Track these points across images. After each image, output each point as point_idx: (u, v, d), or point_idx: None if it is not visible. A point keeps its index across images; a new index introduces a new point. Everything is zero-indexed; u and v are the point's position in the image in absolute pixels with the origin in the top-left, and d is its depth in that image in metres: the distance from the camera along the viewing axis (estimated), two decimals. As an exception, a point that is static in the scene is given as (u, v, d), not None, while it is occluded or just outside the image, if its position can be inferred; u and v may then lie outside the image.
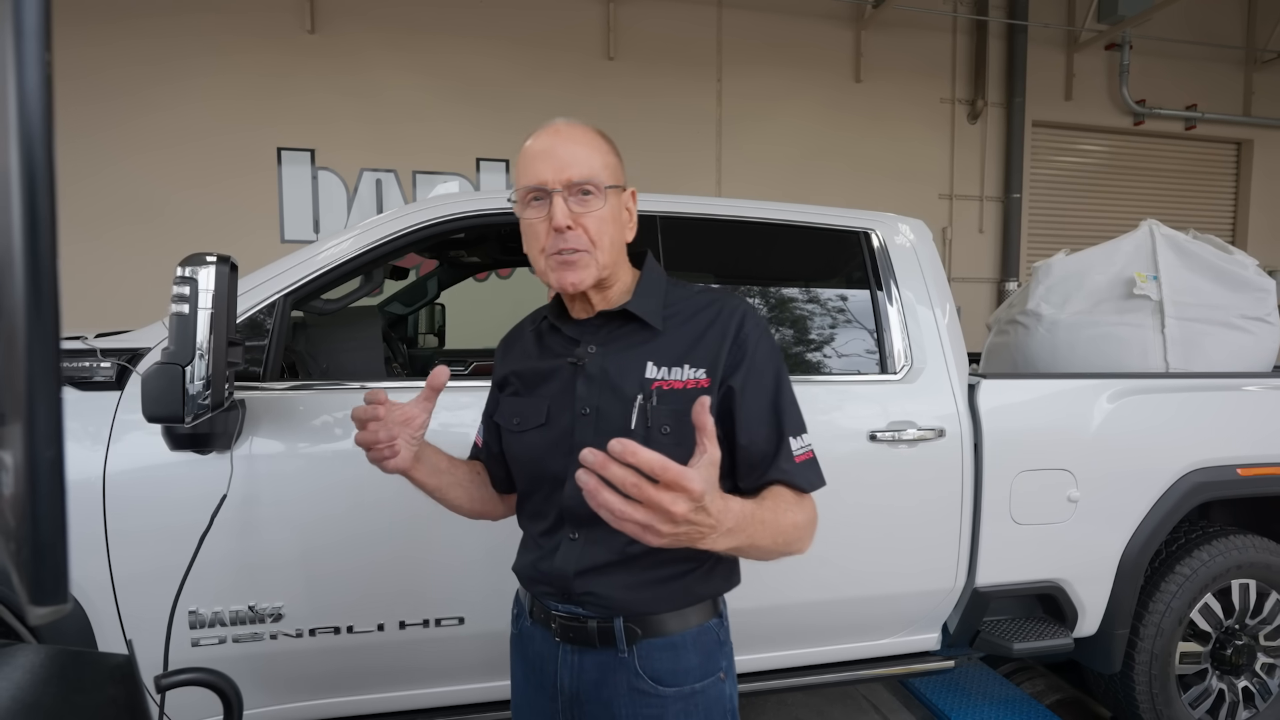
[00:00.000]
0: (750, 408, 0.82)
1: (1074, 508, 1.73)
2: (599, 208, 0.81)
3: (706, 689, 0.84)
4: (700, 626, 0.85)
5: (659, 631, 0.83)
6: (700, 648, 0.85)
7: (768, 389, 0.84)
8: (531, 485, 0.90)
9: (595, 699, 0.83)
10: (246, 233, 4.35)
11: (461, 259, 2.59)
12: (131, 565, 1.26)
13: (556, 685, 0.86)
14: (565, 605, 0.84)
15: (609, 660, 0.83)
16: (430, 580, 1.42)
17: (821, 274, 1.85)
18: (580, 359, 0.85)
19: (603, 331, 0.86)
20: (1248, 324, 2.19)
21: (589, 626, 0.83)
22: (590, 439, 0.81)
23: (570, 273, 0.81)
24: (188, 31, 4.25)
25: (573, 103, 4.75)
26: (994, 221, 5.74)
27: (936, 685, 2.27)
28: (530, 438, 0.88)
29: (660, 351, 0.84)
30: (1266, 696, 1.98)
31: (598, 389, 0.84)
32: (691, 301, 0.88)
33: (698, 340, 0.84)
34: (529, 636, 0.90)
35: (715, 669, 0.86)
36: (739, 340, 0.83)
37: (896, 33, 5.38)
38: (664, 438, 0.80)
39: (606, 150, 0.85)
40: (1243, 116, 6.16)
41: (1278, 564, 1.93)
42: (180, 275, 1.06)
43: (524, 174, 0.84)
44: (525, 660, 0.91)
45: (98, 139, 4.11)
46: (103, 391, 1.29)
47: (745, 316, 0.85)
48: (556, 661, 0.86)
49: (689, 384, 0.82)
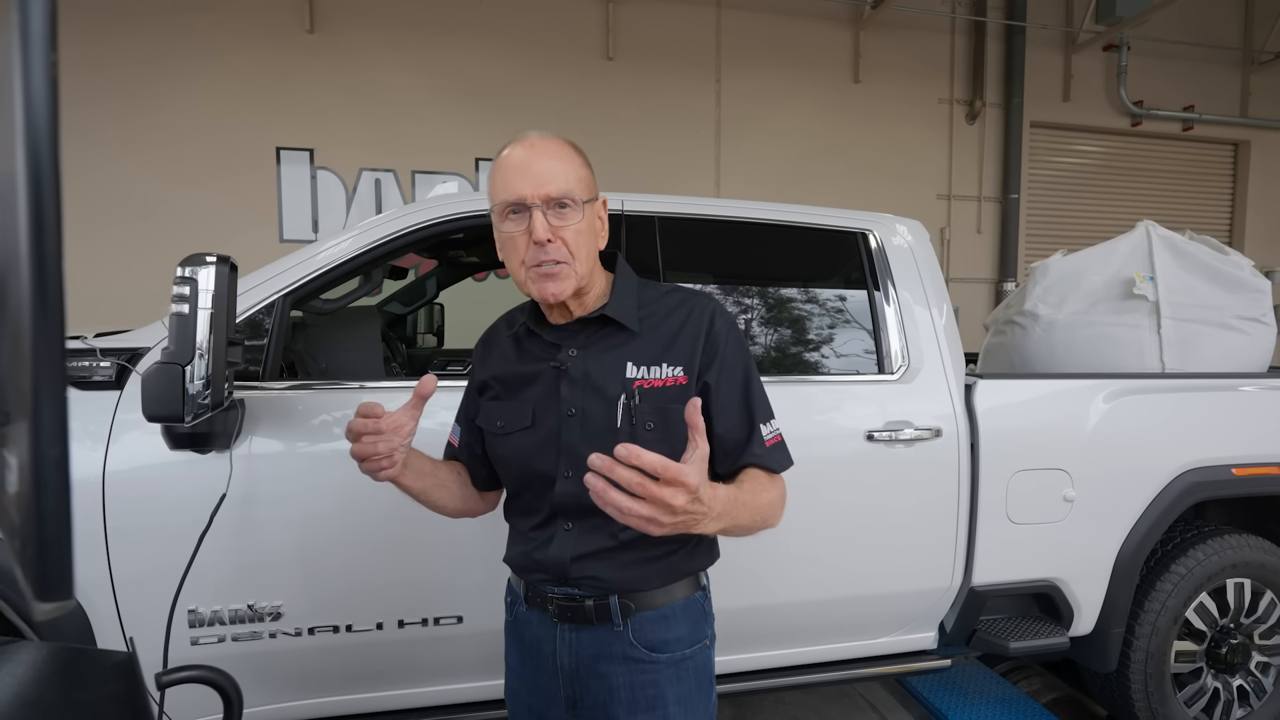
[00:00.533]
0: (724, 400, 0.89)
1: (1070, 507, 1.73)
2: (576, 221, 0.85)
3: (695, 654, 0.92)
4: (687, 599, 0.92)
5: (651, 605, 0.89)
6: (688, 617, 0.92)
7: (739, 381, 0.90)
8: (521, 484, 0.94)
9: (594, 671, 0.89)
10: (245, 232, 4.35)
11: (460, 259, 2.59)
12: (131, 564, 1.27)
13: (555, 663, 0.91)
14: (562, 588, 0.89)
15: (605, 635, 0.89)
16: (429, 579, 1.42)
17: (819, 274, 1.86)
18: (563, 363, 0.89)
19: (582, 335, 0.91)
20: (1243, 324, 2.21)
21: (586, 605, 0.88)
22: (578, 438, 0.87)
23: (551, 284, 0.85)
24: (186, 30, 4.25)
25: (572, 103, 4.76)
26: (992, 222, 5.75)
27: (933, 684, 2.27)
28: (516, 440, 0.92)
29: (638, 352, 0.89)
30: (1261, 695, 1.99)
31: (581, 391, 0.88)
32: (663, 302, 0.93)
33: (673, 340, 0.89)
34: (525, 621, 0.95)
35: (702, 636, 0.93)
36: (711, 337, 0.89)
37: (895, 33, 5.39)
38: (648, 433, 0.85)
39: (580, 164, 0.89)
40: (1240, 118, 6.17)
41: (1273, 563, 1.94)
42: (180, 275, 1.07)
43: (500, 188, 0.86)
44: (521, 644, 0.95)
45: (95, 137, 4.10)
46: (102, 391, 1.29)
47: (715, 315, 0.91)
48: (554, 641, 0.91)
49: (668, 381, 0.87)
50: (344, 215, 4.57)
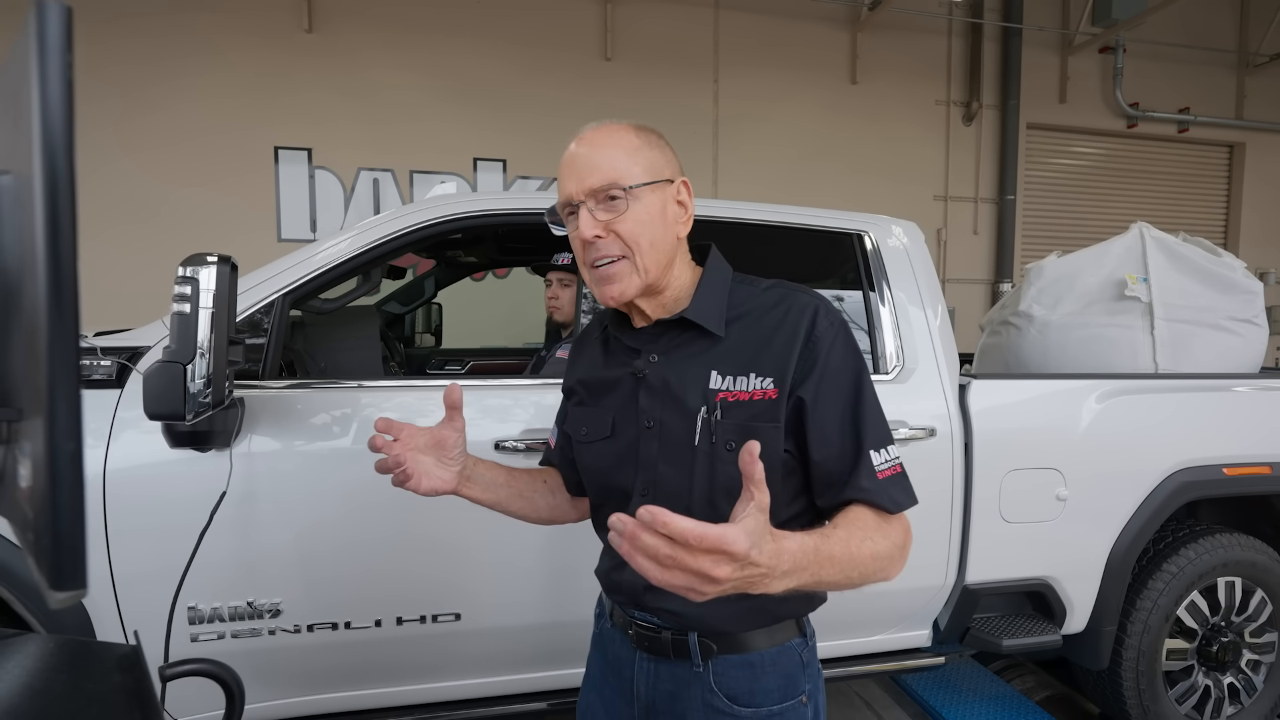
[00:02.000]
0: (823, 418, 0.75)
1: (1062, 506, 1.75)
2: (627, 209, 0.76)
3: (785, 712, 0.80)
4: (781, 646, 0.81)
5: (736, 649, 0.79)
6: (780, 669, 0.81)
7: (844, 397, 0.76)
8: (601, 496, 0.88)
9: (670, 711, 0.81)
10: (243, 232, 4.36)
11: (459, 259, 2.60)
12: (131, 562, 1.27)
13: (633, 691, 0.84)
14: (642, 614, 0.83)
15: (684, 673, 0.81)
16: (428, 576, 1.43)
17: (816, 275, 1.87)
18: (641, 370, 0.81)
19: (663, 339, 0.82)
20: (1235, 326, 2.22)
21: (664, 637, 0.81)
22: (655, 453, 0.79)
23: (609, 286, 0.78)
24: (184, 30, 4.25)
25: (570, 103, 4.77)
26: (988, 223, 5.78)
27: (928, 682, 2.29)
28: (597, 449, 0.85)
29: (724, 359, 0.78)
30: (1252, 692, 2.01)
31: (660, 401, 0.79)
32: (758, 301, 0.81)
33: (765, 345, 0.78)
34: (609, 638, 0.89)
35: (797, 692, 0.82)
36: (810, 343, 0.76)
37: (892, 35, 5.42)
38: (728, 454, 0.75)
39: (636, 146, 0.79)
40: (1235, 120, 6.21)
41: (1263, 562, 1.96)
42: (182, 275, 1.08)
43: (559, 191, 0.81)
44: (605, 660, 0.90)
45: (94, 138, 4.10)
46: (103, 390, 1.30)
47: (817, 315, 0.77)
48: (634, 667, 0.84)
49: (756, 395, 0.76)
50: (342, 215, 4.58)
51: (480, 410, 1.44)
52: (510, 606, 1.48)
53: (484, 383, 1.54)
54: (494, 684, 1.52)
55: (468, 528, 1.41)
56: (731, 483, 0.75)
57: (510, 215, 1.61)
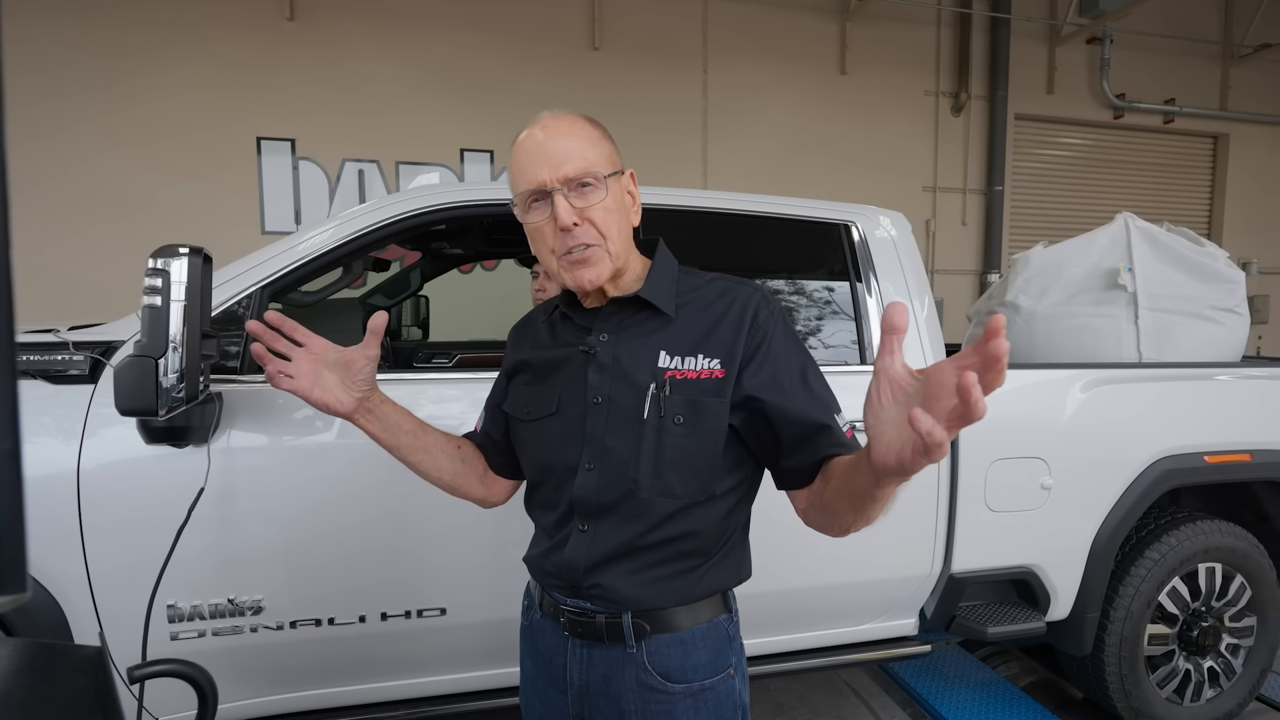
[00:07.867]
0: (784, 388, 0.79)
1: (1047, 495, 1.76)
2: (601, 199, 0.79)
3: (716, 685, 0.84)
4: (710, 622, 0.84)
5: (667, 627, 0.82)
6: (709, 644, 0.84)
7: (795, 373, 0.81)
8: (541, 475, 0.88)
9: (604, 693, 0.83)
10: (227, 224, 4.29)
11: (445, 251, 2.57)
12: (107, 560, 1.25)
13: (566, 679, 0.85)
14: (574, 600, 0.84)
15: (618, 656, 0.82)
16: (412, 571, 1.42)
17: (803, 266, 1.87)
18: (591, 347, 0.84)
19: (614, 319, 0.85)
20: (1218, 315, 2.24)
21: (597, 622, 0.82)
22: (603, 428, 0.81)
23: (585, 270, 0.80)
24: (164, 20, 4.16)
25: (557, 94, 4.72)
26: (977, 214, 5.80)
27: (915, 669, 2.31)
28: (541, 426, 0.87)
29: (673, 340, 0.82)
30: (1231, 676, 2.05)
31: (609, 377, 0.82)
32: (704, 291, 0.85)
33: (711, 330, 0.82)
34: (539, 629, 0.90)
35: (725, 665, 0.85)
36: (754, 329, 0.81)
37: (881, 25, 5.40)
38: (676, 428, 0.79)
39: (598, 137, 0.82)
40: (1219, 111, 6.25)
41: (1243, 548, 1.99)
42: (152, 267, 1.05)
43: (519, 178, 0.81)
44: (535, 653, 0.91)
45: (75, 131, 4.03)
46: (76, 385, 1.27)
47: (760, 305, 0.83)
48: (565, 655, 0.85)
49: (703, 374, 0.80)
50: (327, 206, 4.52)
51: (471, 404, 1.43)
52: (495, 601, 1.47)
53: (472, 375, 1.53)
54: (480, 678, 1.52)
55: (452, 521, 1.39)
56: (677, 454, 0.80)
57: (495, 205, 1.59)
